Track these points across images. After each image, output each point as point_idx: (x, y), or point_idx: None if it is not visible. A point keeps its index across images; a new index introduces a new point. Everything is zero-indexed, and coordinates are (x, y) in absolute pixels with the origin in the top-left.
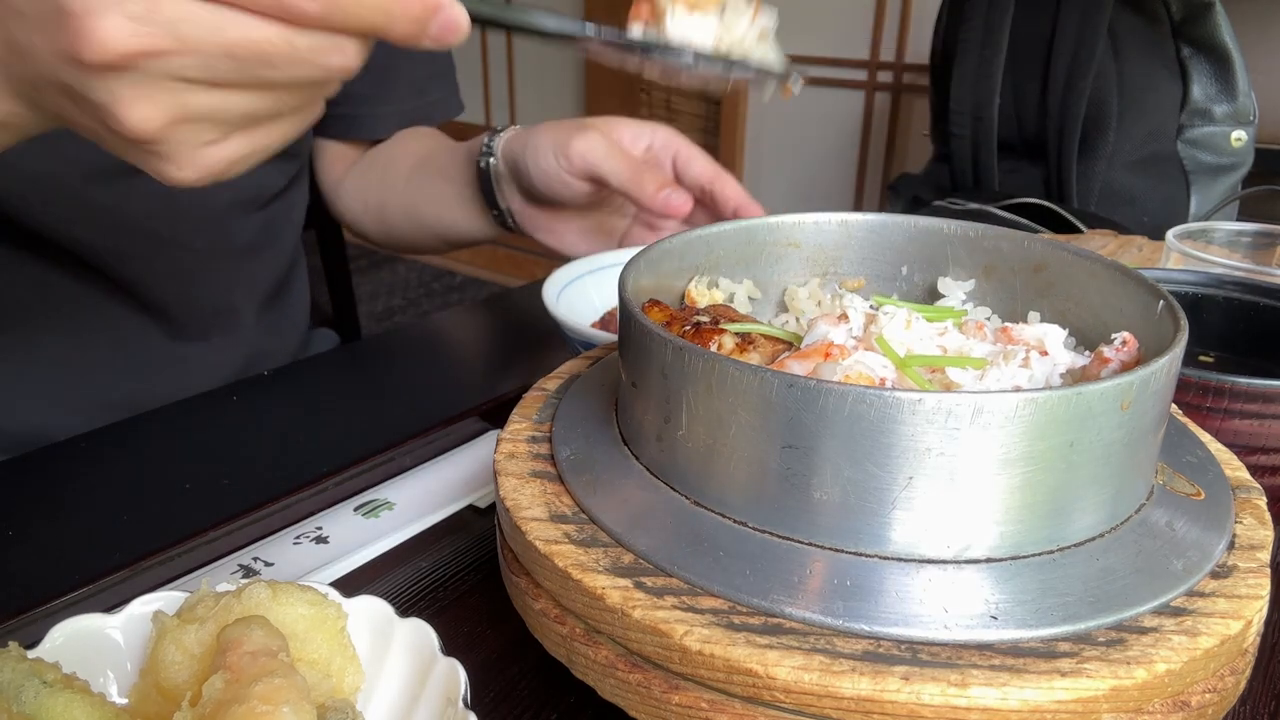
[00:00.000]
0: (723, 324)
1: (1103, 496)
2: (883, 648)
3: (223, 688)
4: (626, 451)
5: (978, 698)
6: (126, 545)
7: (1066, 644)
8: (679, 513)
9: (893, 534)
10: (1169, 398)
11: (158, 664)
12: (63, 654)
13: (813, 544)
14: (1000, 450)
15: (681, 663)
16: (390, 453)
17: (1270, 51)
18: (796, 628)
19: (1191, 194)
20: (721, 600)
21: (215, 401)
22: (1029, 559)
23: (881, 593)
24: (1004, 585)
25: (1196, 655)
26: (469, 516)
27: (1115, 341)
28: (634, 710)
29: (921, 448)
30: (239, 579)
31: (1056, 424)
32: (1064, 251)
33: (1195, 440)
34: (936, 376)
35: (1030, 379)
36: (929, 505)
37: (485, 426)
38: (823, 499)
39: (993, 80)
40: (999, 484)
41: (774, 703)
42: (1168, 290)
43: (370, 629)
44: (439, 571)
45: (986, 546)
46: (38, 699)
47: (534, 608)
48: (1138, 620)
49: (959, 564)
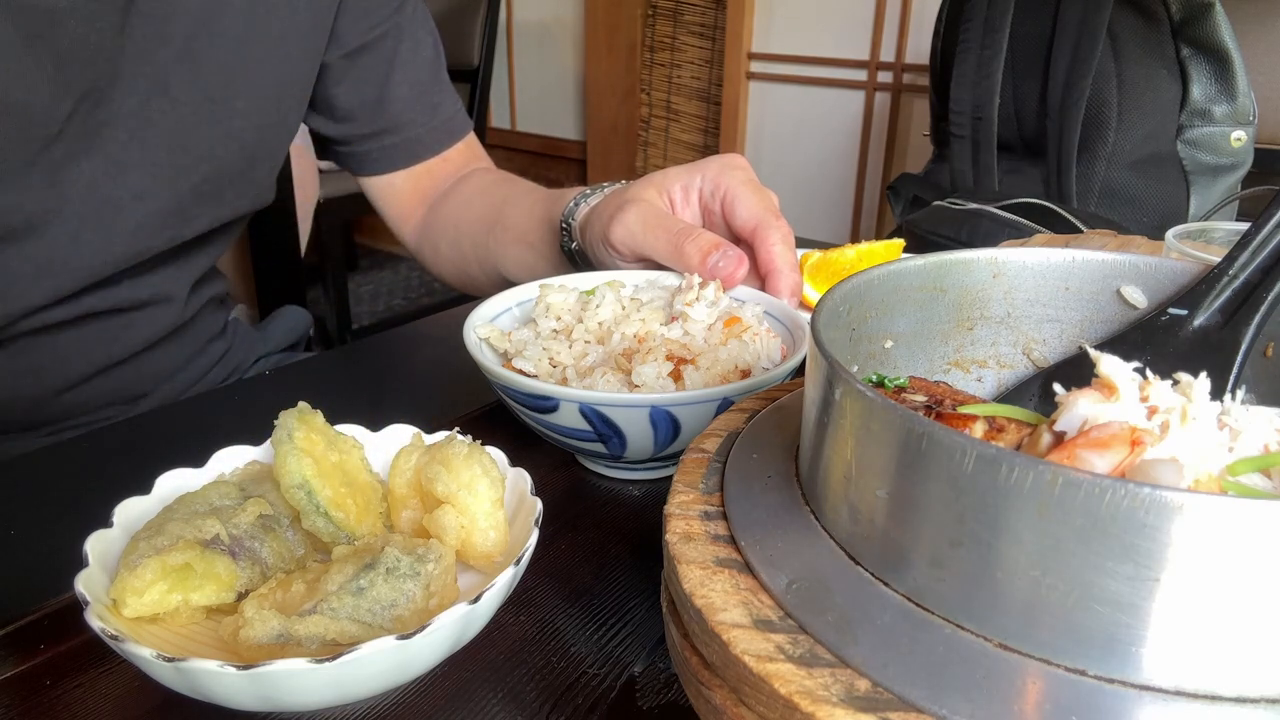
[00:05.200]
0: (961, 408)
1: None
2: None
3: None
4: (826, 536)
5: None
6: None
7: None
8: (922, 630)
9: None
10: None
11: (394, 470)
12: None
13: (1143, 686)
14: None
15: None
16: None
17: (1270, 51)
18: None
19: (1191, 194)
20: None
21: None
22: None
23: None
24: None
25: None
26: None
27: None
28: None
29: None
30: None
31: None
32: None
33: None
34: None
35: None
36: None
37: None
38: (1163, 638)
39: (993, 80)
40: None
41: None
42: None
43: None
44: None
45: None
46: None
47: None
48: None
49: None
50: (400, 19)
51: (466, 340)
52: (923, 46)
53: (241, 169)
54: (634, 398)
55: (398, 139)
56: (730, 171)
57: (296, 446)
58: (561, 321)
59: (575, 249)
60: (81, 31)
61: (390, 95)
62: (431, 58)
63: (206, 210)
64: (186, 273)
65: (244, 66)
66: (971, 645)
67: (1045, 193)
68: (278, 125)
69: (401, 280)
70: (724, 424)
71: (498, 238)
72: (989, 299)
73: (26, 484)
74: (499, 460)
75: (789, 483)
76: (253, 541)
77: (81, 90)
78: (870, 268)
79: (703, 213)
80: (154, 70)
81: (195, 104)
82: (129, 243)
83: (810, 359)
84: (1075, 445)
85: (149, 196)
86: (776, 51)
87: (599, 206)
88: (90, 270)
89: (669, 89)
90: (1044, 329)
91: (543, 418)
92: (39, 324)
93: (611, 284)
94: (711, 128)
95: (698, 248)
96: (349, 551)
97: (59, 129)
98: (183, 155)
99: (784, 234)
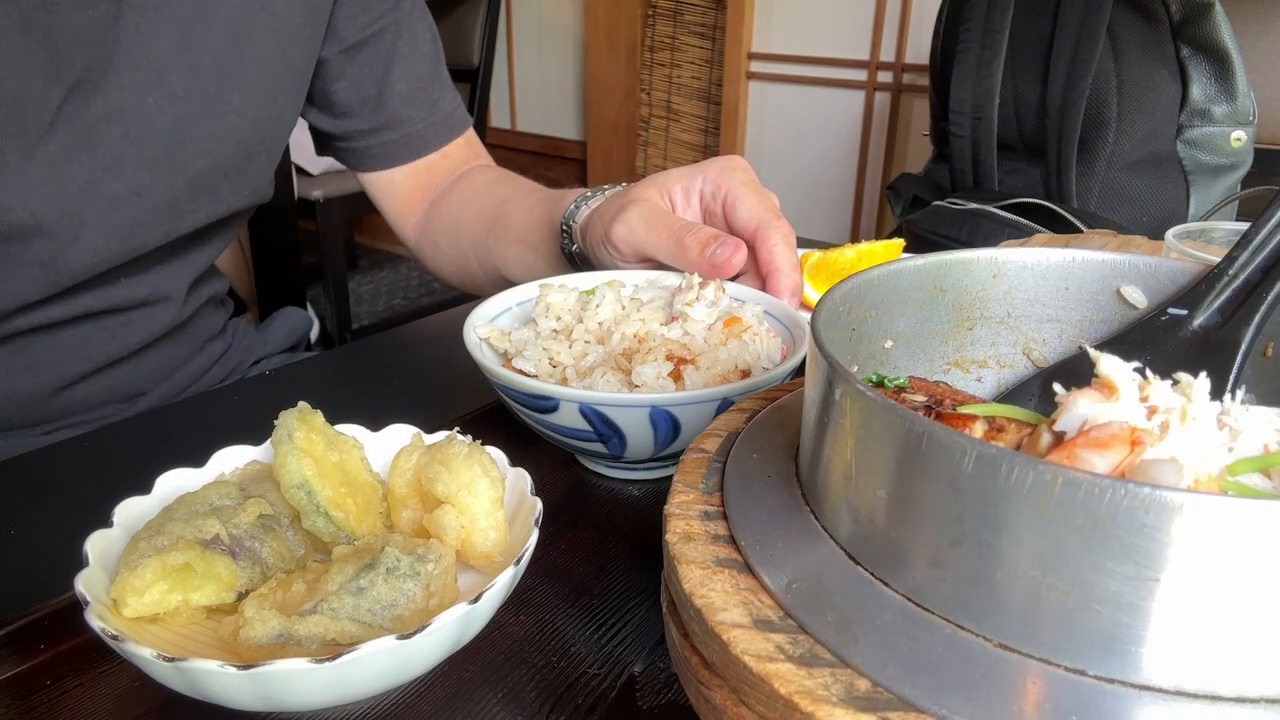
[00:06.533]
0: (960, 408)
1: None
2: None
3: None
4: (826, 537)
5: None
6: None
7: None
8: (922, 630)
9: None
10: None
11: (394, 470)
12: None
13: (1143, 686)
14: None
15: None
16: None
17: (1270, 51)
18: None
19: (1191, 194)
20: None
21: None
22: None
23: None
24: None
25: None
26: None
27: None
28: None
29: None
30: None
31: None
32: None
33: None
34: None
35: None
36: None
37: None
38: (1163, 638)
39: (993, 80)
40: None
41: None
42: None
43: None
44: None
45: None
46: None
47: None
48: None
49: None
50: (399, 14)
51: (466, 340)
52: (923, 46)
53: (238, 163)
54: (634, 398)
55: (397, 135)
56: (731, 172)
57: (296, 446)
58: (561, 321)
59: (575, 251)
60: (75, 19)
61: (390, 91)
62: (430, 53)
63: (203, 205)
64: (184, 271)
65: (239, 60)
66: (971, 645)
67: (1045, 193)
68: (274, 120)
69: (401, 280)
70: (724, 424)
71: (498, 237)
72: (989, 299)
73: (26, 484)
74: (499, 460)
75: (789, 483)
76: (253, 541)
77: (74, 80)
78: (870, 268)
79: (704, 213)
80: (150, 63)
81: (192, 98)
82: (126, 238)
83: (810, 359)
84: (1075, 445)
85: (146, 192)
86: (776, 51)
87: (600, 208)
88: (88, 266)
89: (669, 89)
90: (1044, 329)
91: (543, 418)
92: (37, 321)
93: (611, 284)
94: (711, 128)
95: (697, 240)
96: (349, 551)
97: (50, 119)
98: (179, 150)
99: (785, 234)
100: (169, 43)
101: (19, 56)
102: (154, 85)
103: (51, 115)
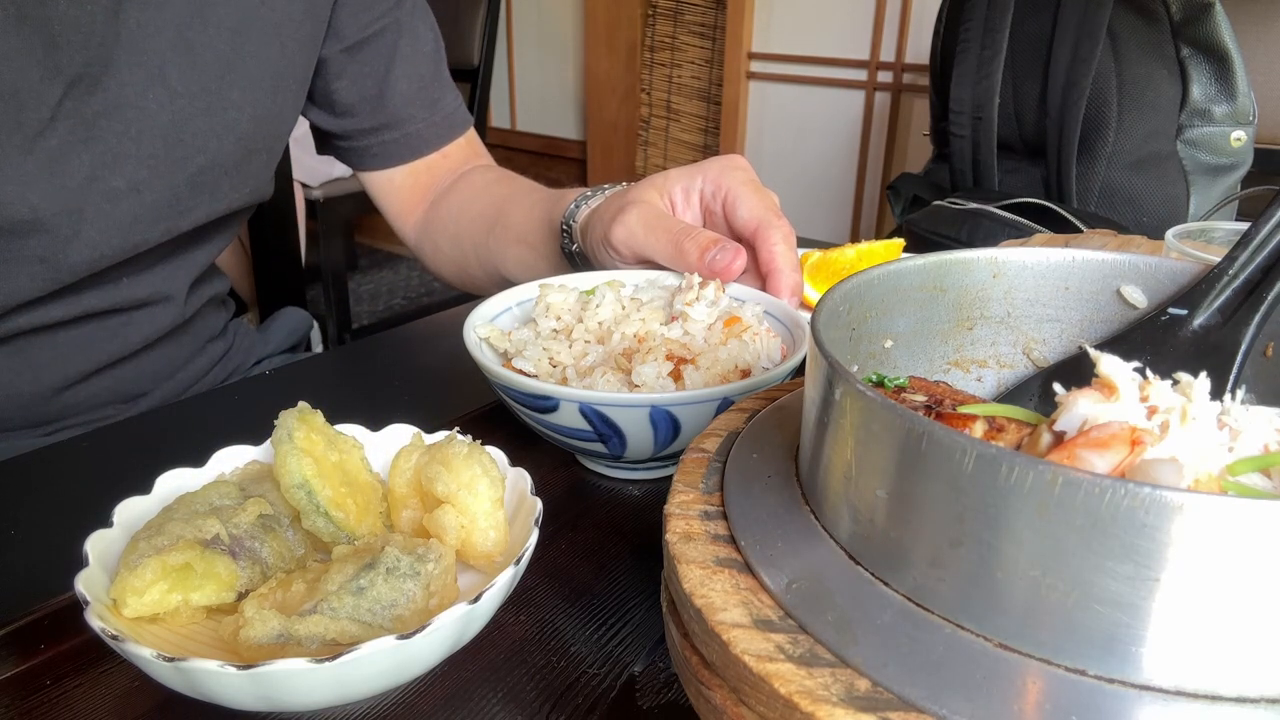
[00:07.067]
0: (960, 408)
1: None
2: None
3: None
4: (826, 536)
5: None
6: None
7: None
8: (922, 629)
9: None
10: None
11: (394, 470)
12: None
13: (1143, 686)
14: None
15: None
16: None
17: (1270, 51)
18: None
19: (1191, 194)
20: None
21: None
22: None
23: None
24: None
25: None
26: None
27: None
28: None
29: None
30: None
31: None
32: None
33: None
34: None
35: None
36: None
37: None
38: (1164, 637)
39: (993, 80)
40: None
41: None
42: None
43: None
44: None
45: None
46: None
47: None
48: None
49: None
50: (400, 13)
51: (466, 340)
52: (923, 46)
53: (238, 161)
54: (634, 397)
55: (398, 134)
56: (731, 172)
57: (296, 446)
58: (561, 321)
59: (575, 251)
60: (73, 13)
61: (390, 90)
62: (432, 52)
63: (203, 202)
64: (185, 270)
65: (239, 56)
66: (971, 645)
67: (1045, 193)
68: (274, 117)
69: (401, 280)
70: (724, 424)
71: (498, 237)
72: (989, 299)
73: (26, 484)
74: (499, 460)
75: (789, 483)
76: (253, 541)
77: (73, 74)
78: (870, 268)
79: (704, 214)
80: (150, 58)
81: (192, 94)
82: (125, 235)
83: (810, 359)
84: (1075, 445)
85: (145, 188)
86: (776, 51)
87: (600, 209)
88: (88, 262)
89: (669, 89)
90: (1044, 329)
91: (543, 418)
92: (38, 321)
93: (611, 284)
94: (711, 128)
95: (696, 244)
96: (349, 551)
97: (50, 114)
98: (179, 146)
99: (785, 234)
100: (169, 39)
101: (15, 49)
102: (154, 81)
103: (51, 110)
